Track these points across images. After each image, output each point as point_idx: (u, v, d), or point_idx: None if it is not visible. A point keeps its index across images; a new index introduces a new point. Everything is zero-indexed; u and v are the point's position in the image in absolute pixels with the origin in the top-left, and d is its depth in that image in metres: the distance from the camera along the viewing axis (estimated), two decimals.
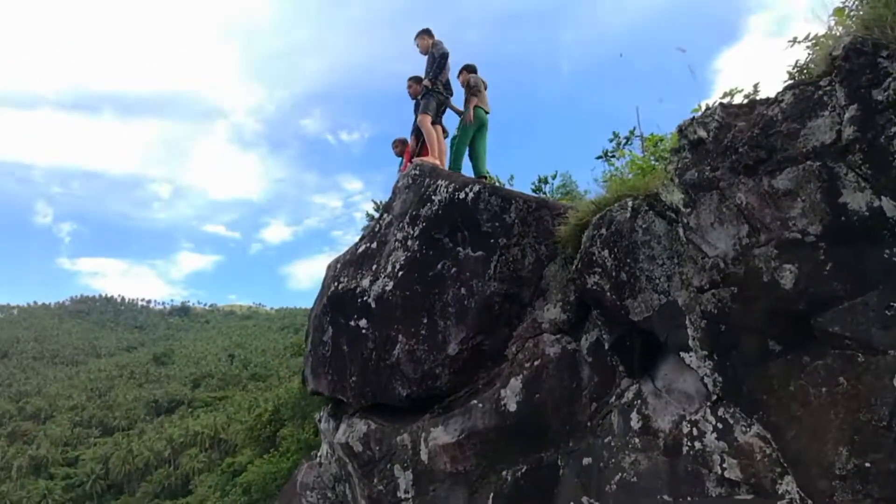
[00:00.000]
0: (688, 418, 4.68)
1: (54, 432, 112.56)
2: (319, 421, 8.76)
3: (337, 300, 7.67)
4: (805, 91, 4.06)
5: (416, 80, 9.31)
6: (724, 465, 4.32)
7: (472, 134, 8.62)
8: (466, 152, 8.72)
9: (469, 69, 9.17)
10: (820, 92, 3.96)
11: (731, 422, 4.36)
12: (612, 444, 5.20)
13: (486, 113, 8.88)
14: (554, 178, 14.92)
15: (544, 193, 13.85)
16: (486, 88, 8.95)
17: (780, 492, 3.99)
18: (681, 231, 4.70)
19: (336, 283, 7.83)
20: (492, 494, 5.87)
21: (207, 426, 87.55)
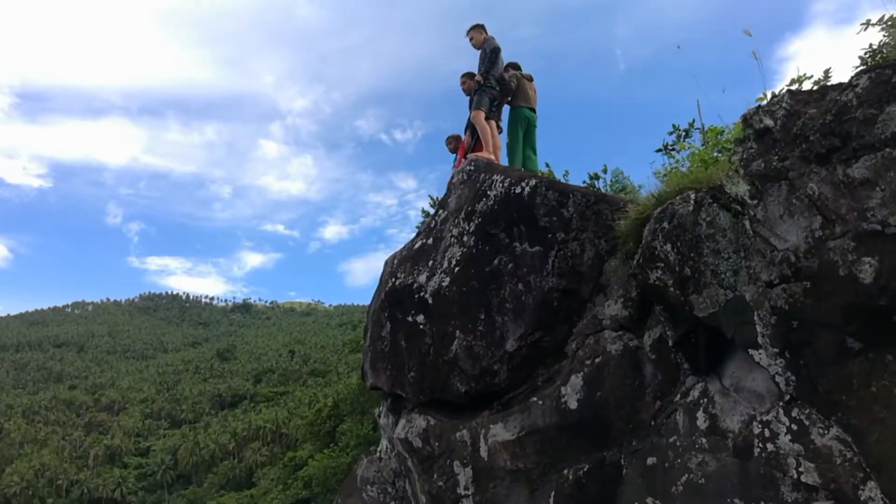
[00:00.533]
0: (759, 419, 4.50)
1: (127, 423, 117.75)
2: (379, 416, 8.84)
3: (395, 296, 7.71)
4: (882, 75, 3.84)
5: (469, 75, 9.28)
6: (801, 469, 4.13)
7: (521, 133, 8.53)
8: (520, 150, 8.62)
9: (513, 66, 9.10)
10: None
11: (807, 423, 4.17)
12: (678, 443, 5.05)
13: (532, 110, 8.77)
14: (605, 172, 14.66)
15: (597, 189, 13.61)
16: (531, 81, 8.84)
17: (862, 498, 3.79)
18: (747, 224, 4.51)
19: (393, 279, 7.87)
20: (553, 493, 5.79)
21: (269, 420, 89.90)
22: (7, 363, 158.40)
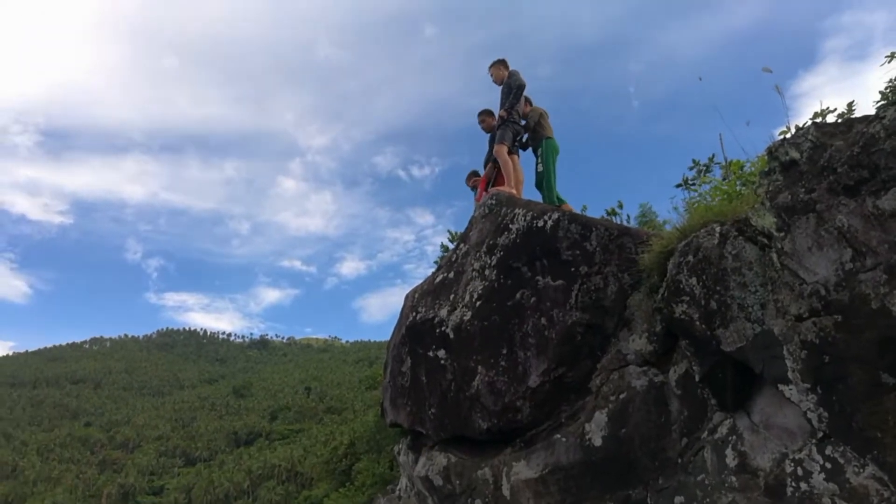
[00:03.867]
0: (791, 456, 4.39)
1: (141, 461, 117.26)
2: (398, 454, 8.73)
3: (415, 330, 7.69)
4: None
5: (487, 113, 9.41)
6: None
7: (553, 164, 8.58)
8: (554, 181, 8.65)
9: (526, 100, 9.22)
10: None
11: (842, 461, 4.05)
12: (706, 482, 4.93)
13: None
14: (621, 207, 14.65)
15: None
16: (548, 118, 8.97)
17: None
18: (774, 256, 4.47)
19: (414, 314, 7.86)
20: None
21: (284, 459, 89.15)
22: (24, 399, 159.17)
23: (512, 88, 8.70)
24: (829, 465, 4.13)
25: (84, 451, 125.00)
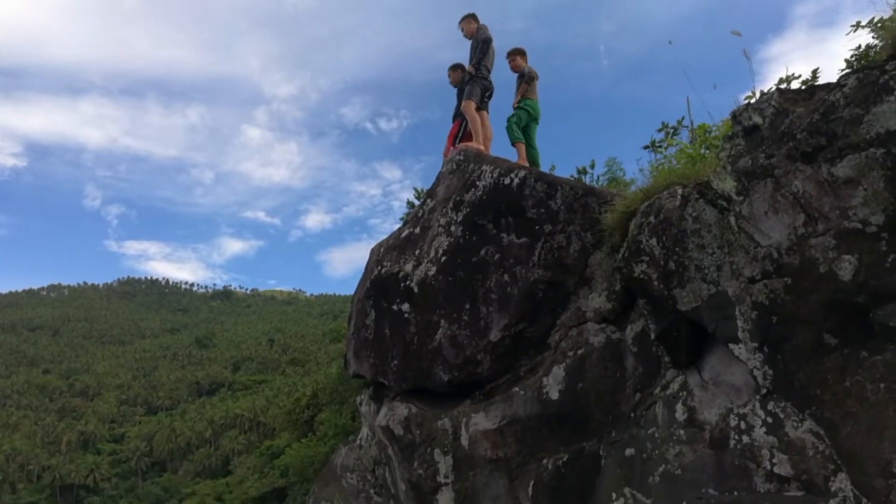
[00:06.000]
0: (735, 411, 4.60)
1: (102, 409, 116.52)
2: (360, 404, 8.86)
3: (380, 284, 7.73)
4: (870, 76, 3.92)
5: (455, 68, 9.28)
6: (774, 461, 4.22)
7: (526, 122, 8.52)
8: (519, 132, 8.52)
9: (521, 53, 9.07)
10: (886, 77, 3.81)
11: (782, 416, 4.26)
12: (657, 435, 5.14)
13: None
14: (593, 167, 14.76)
15: None
16: (537, 79, 8.86)
17: (833, 489, 3.89)
18: (732, 220, 4.59)
19: (379, 268, 7.89)
20: (532, 482, 5.86)
21: (247, 409, 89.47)
22: None
23: (479, 43, 8.59)
24: (770, 420, 4.34)
25: (42, 399, 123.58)
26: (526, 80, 8.64)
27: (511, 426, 6.01)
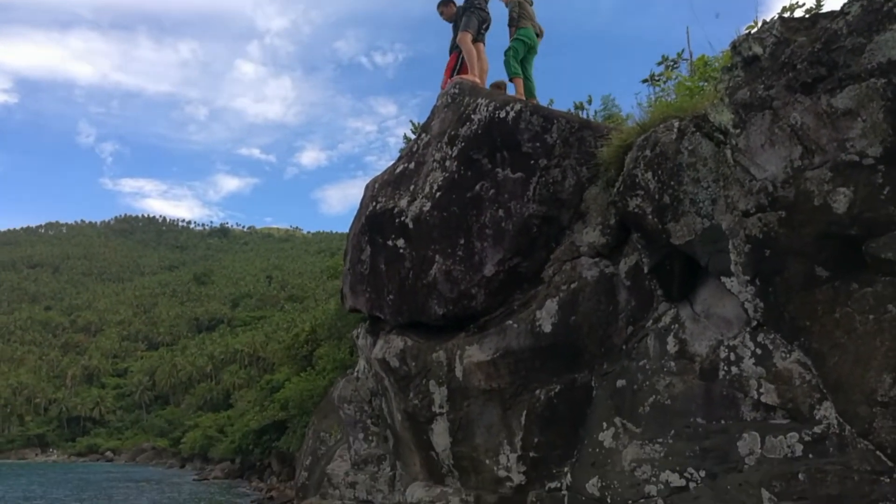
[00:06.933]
0: (725, 343, 4.67)
1: (104, 345, 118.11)
2: (357, 337, 8.98)
3: (375, 220, 7.70)
4: (874, 3, 3.80)
5: (445, 3, 8.98)
6: (761, 391, 4.32)
7: (523, 54, 8.27)
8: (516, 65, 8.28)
9: None
10: (891, 4, 3.70)
11: (771, 347, 4.33)
12: (647, 367, 5.23)
13: (538, 35, 8.47)
14: (590, 102, 14.48)
15: None
16: (531, 4, 8.54)
17: (817, 417, 3.99)
18: (728, 153, 4.54)
19: (374, 203, 7.85)
20: (525, 412, 6.00)
21: (247, 344, 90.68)
22: None
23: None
24: (759, 351, 4.41)
25: (45, 334, 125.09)
26: (509, 23, 8.35)
27: (504, 358, 6.11)
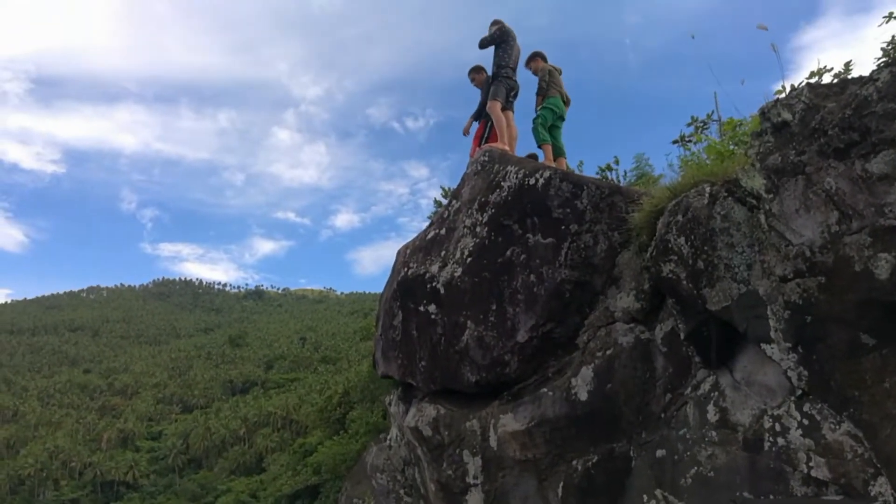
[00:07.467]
0: (769, 413, 4.50)
1: (139, 407, 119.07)
2: (389, 404, 8.90)
3: (407, 285, 7.75)
4: None
5: (477, 70, 9.26)
6: (811, 464, 4.12)
7: (551, 122, 8.41)
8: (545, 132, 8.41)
9: (539, 56, 8.96)
10: None
11: (819, 418, 4.16)
12: (688, 436, 5.06)
13: (565, 103, 8.63)
14: (617, 164, 14.60)
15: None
16: (560, 75, 8.74)
17: (872, 493, 3.79)
18: (762, 218, 4.49)
19: (406, 269, 7.90)
20: (562, 483, 5.82)
21: (280, 407, 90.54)
22: (23, 346, 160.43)
23: (492, 41, 8.58)
24: (806, 422, 4.24)
25: (83, 397, 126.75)
26: (538, 92, 8.55)
27: (540, 427, 5.97)
